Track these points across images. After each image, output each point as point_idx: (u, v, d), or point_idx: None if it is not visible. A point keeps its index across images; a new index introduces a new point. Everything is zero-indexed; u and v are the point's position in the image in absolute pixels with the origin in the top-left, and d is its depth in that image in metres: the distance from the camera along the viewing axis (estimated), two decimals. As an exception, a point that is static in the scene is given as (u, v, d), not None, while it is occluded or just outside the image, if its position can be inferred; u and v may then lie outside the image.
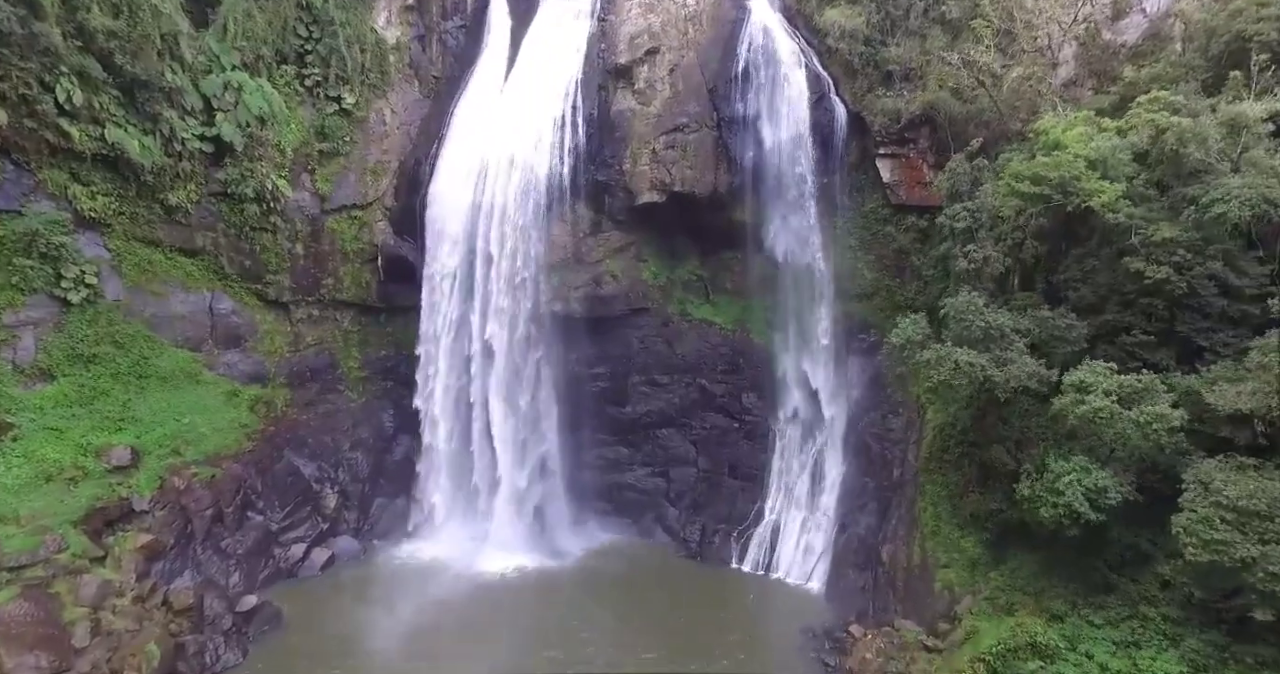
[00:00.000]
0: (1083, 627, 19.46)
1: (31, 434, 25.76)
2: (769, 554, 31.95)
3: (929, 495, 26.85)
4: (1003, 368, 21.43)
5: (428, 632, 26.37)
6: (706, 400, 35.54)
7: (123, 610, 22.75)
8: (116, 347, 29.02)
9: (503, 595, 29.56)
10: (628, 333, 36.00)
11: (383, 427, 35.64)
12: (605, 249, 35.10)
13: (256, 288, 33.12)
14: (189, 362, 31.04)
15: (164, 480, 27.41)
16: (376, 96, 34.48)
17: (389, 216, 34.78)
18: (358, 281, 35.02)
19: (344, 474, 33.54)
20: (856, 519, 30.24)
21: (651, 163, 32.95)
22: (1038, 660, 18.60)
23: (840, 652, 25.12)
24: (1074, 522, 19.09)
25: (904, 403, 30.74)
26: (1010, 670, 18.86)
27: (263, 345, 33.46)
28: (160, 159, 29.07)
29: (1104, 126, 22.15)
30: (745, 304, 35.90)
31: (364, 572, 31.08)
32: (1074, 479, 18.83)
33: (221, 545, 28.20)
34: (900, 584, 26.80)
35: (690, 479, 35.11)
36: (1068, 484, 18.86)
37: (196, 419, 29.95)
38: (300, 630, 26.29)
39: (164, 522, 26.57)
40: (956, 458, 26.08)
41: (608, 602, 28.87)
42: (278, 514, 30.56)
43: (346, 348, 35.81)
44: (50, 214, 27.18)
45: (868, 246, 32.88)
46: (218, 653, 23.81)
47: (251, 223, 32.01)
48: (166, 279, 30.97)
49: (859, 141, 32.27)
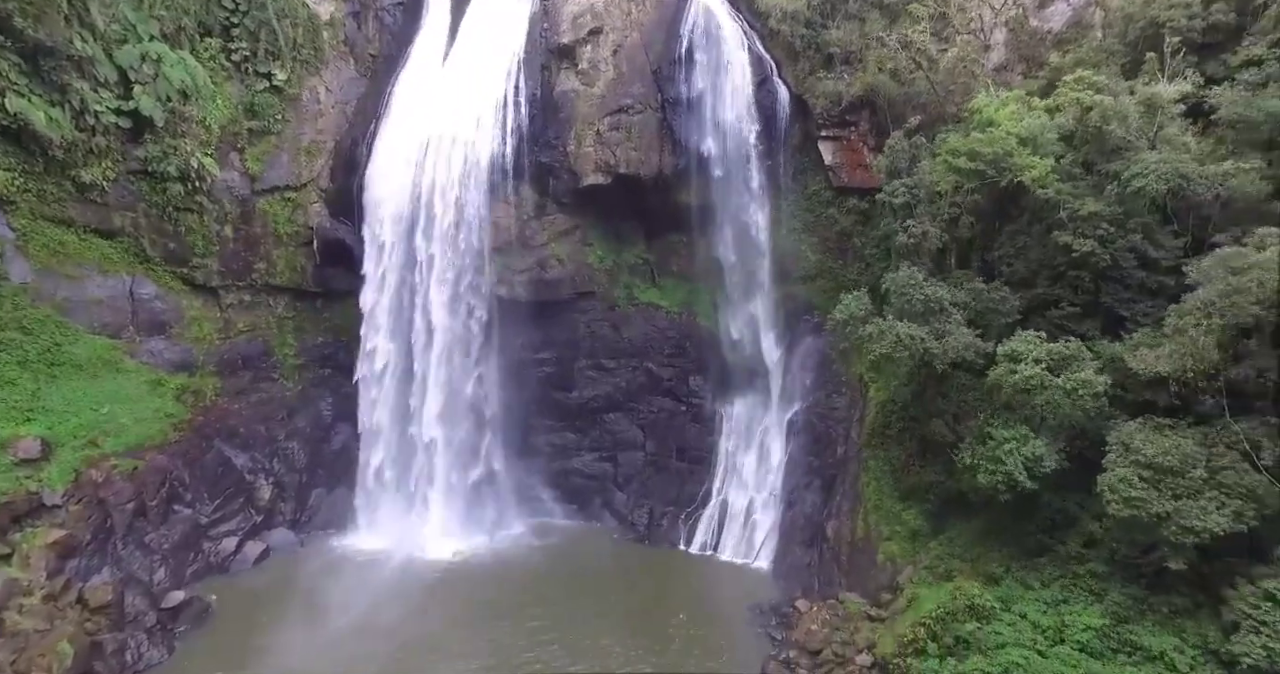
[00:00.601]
0: (1016, 588, 20.04)
1: (-73, 425, 23.96)
2: (716, 535, 32.07)
3: (871, 471, 27.30)
4: (941, 340, 21.90)
5: (366, 621, 25.53)
6: (654, 384, 35.44)
7: (31, 609, 21.29)
8: (23, 332, 27.19)
9: (447, 583, 28.89)
10: (574, 317, 35.62)
11: (320, 415, 34.42)
12: (550, 232, 34.64)
13: (182, 272, 31.54)
14: (107, 349, 29.33)
15: (79, 473, 25.78)
16: (310, 74, 33.18)
17: (324, 198, 33.54)
18: (292, 266, 33.68)
19: (279, 465, 32.25)
20: (802, 497, 30.57)
21: (596, 144, 32.62)
22: (975, 622, 19.06)
23: (787, 626, 25.31)
24: (1010, 488, 19.62)
25: (847, 382, 31.20)
26: (949, 632, 19.26)
27: (190, 332, 31.89)
28: (70, 133, 27.35)
29: (1034, 106, 22.84)
30: (691, 287, 35.93)
31: (301, 564, 29.92)
32: (1014, 448, 19.33)
33: (145, 540, 26.73)
34: (845, 558, 27.20)
35: (638, 463, 34.97)
36: (1008, 453, 19.36)
37: (116, 409, 28.31)
38: (231, 626, 25.15)
39: (79, 516, 24.99)
40: (898, 433, 26.58)
41: (555, 587, 28.50)
42: (207, 507, 29.16)
43: (281, 335, 34.43)
44: (-56, 190, 25.30)
45: (811, 229, 33.26)
46: (140, 651, 22.56)
47: (175, 203, 30.43)
48: (81, 261, 29.19)
49: (802, 124, 32.59)
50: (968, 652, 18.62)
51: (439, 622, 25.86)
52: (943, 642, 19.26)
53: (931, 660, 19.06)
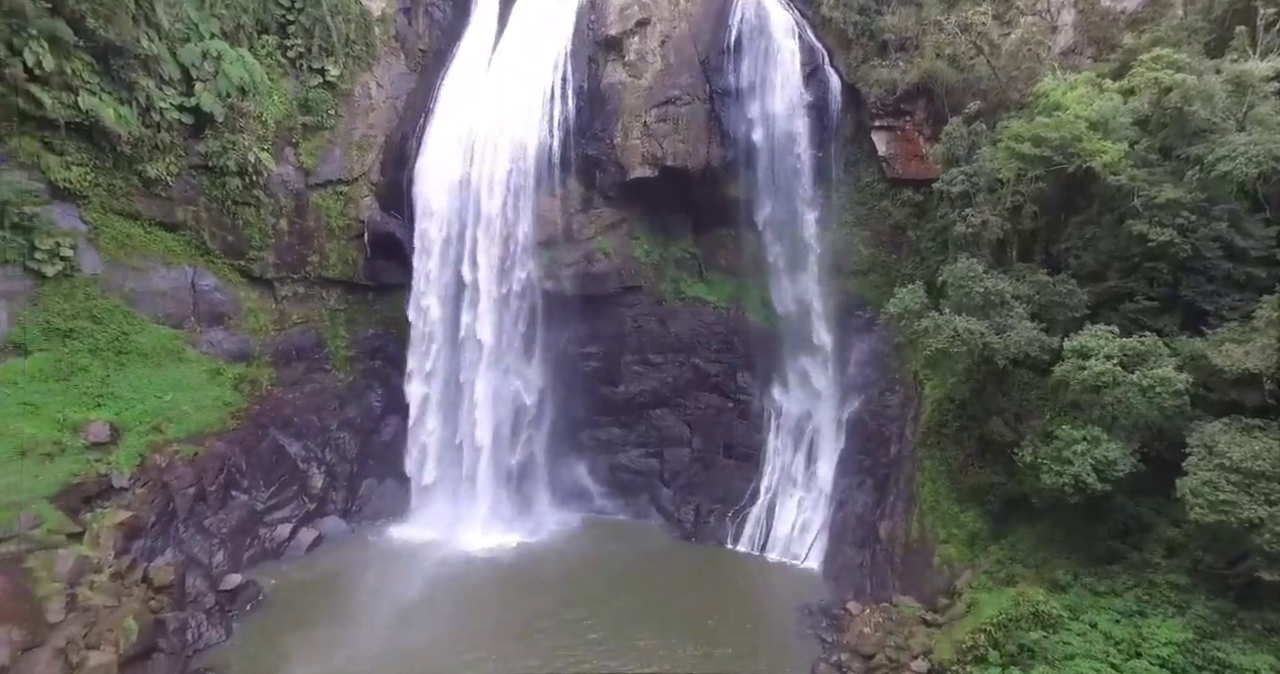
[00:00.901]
0: (1086, 596, 19.05)
1: (5, 408, 24.99)
2: (764, 533, 31.47)
3: (927, 471, 26.38)
4: (1002, 335, 20.96)
5: (415, 611, 25.77)
6: (700, 380, 35.01)
7: (100, 586, 22.06)
8: (94, 322, 28.26)
9: (492, 575, 28.98)
10: (620, 312, 35.41)
11: (371, 407, 34.97)
12: (597, 226, 34.47)
13: (240, 264, 32.38)
14: (171, 339, 30.29)
15: (145, 458, 26.69)
16: (361, 69, 33.70)
17: (375, 192, 34.03)
18: (344, 258, 34.29)
19: (331, 454, 32.88)
20: (853, 497, 29.78)
21: (643, 136, 32.31)
22: (1040, 630, 18.16)
23: (837, 628, 24.65)
24: (1079, 491, 18.64)
25: (901, 379, 30.26)
26: (1012, 640, 18.41)
27: (247, 323, 32.72)
28: (137, 129, 28.27)
29: (1106, 87, 21.63)
30: (739, 282, 35.35)
31: (352, 552, 30.43)
32: (1084, 449, 18.34)
33: (205, 524, 27.52)
34: (898, 560, 26.36)
35: (684, 459, 34.59)
36: (1077, 454, 18.38)
37: (179, 397, 29.22)
38: (285, 610, 25.67)
39: (144, 499, 25.86)
40: (955, 432, 25.61)
41: (601, 581, 28.35)
42: (263, 493, 29.88)
43: (333, 326, 35.10)
44: (21, 183, 26.33)
45: (863, 222, 32.35)
46: (200, 630, 23.19)
47: (234, 197, 31.23)
48: (146, 253, 30.18)
49: (854, 114, 31.70)
50: (1032, 661, 17.73)
51: (483, 614, 25.93)
52: (1005, 650, 18.42)
53: (993, 669, 18.23)
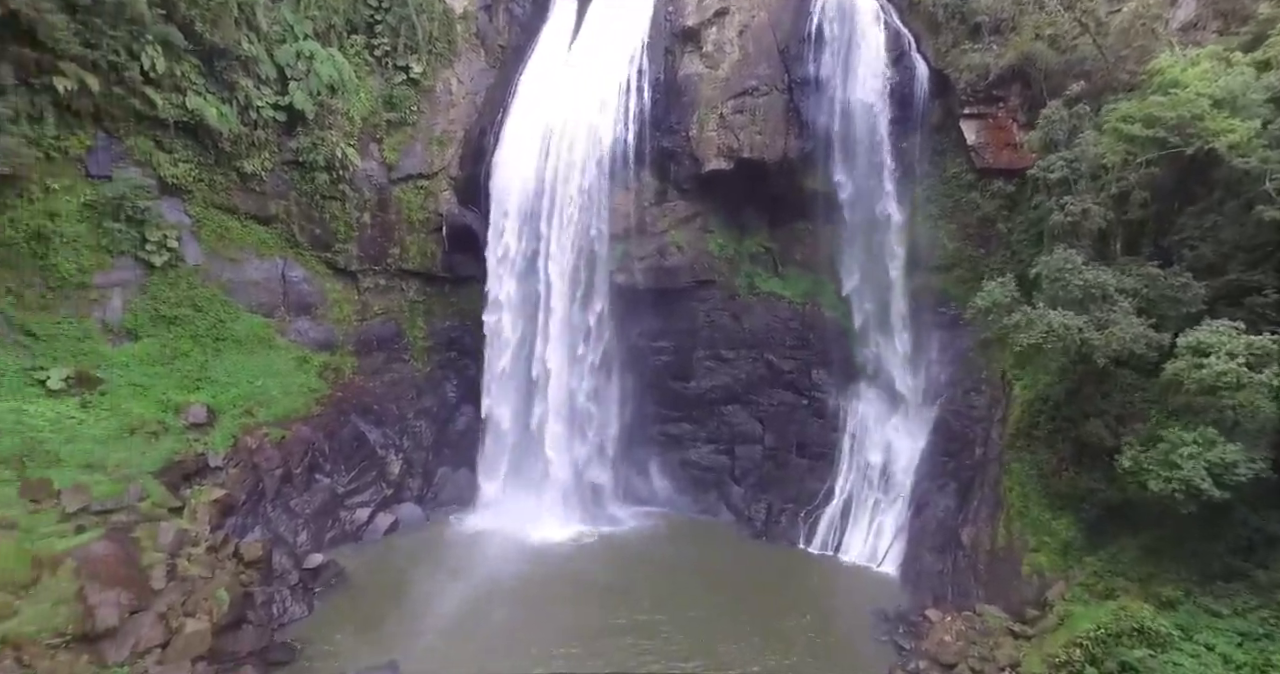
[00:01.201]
0: (1200, 615, 17.54)
1: (117, 389, 26.69)
2: (838, 535, 30.55)
3: (1015, 475, 25.00)
4: (1103, 330, 19.56)
5: (485, 599, 26.07)
6: (774, 376, 34.30)
7: (197, 558, 23.19)
8: (195, 309, 29.87)
9: (561, 568, 29.05)
10: (693, 306, 35.07)
11: (446, 397, 35.78)
12: (670, 219, 34.24)
13: (326, 256, 33.63)
14: (262, 327, 31.74)
15: (237, 439, 28.01)
16: (443, 66, 34.51)
17: (454, 186, 34.78)
18: (423, 251, 35.19)
19: (408, 441, 33.78)
20: (934, 500, 28.54)
21: (719, 128, 31.87)
22: (1145, 648, 16.82)
23: (915, 636, 23.64)
24: (1190, 499, 17.20)
25: (988, 379, 28.82)
26: (1112, 657, 17.12)
27: (332, 313, 33.99)
28: (237, 127, 29.68)
29: (1235, 61, 19.80)
30: (816, 277, 34.45)
31: (426, 538, 31.16)
32: (1195, 452, 16.90)
33: (290, 505, 28.68)
34: (982, 568, 25.07)
35: (756, 457, 33.96)
36: (1186, 457, 16.96)
37: (268, 382, 30.57)
38: (362, 590, 26.46)
39: (236, 479, 27.14)
40: (1047, 434, 24.16)
41: (672, 579, 28.04)
42: (344, 477, 30.94)
43: (412, 318, 36.08)
44: (136, 179, 28.07)
45: (949, 214, 30.94)
46: (284, 605, 24.13)
47: (321, 191, 32.47)
48: (242, 245, 31.70)
49: (942, 102, 30.34)
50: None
51: (553, 607, 25.91)
52: (1104, 667, 17.16)
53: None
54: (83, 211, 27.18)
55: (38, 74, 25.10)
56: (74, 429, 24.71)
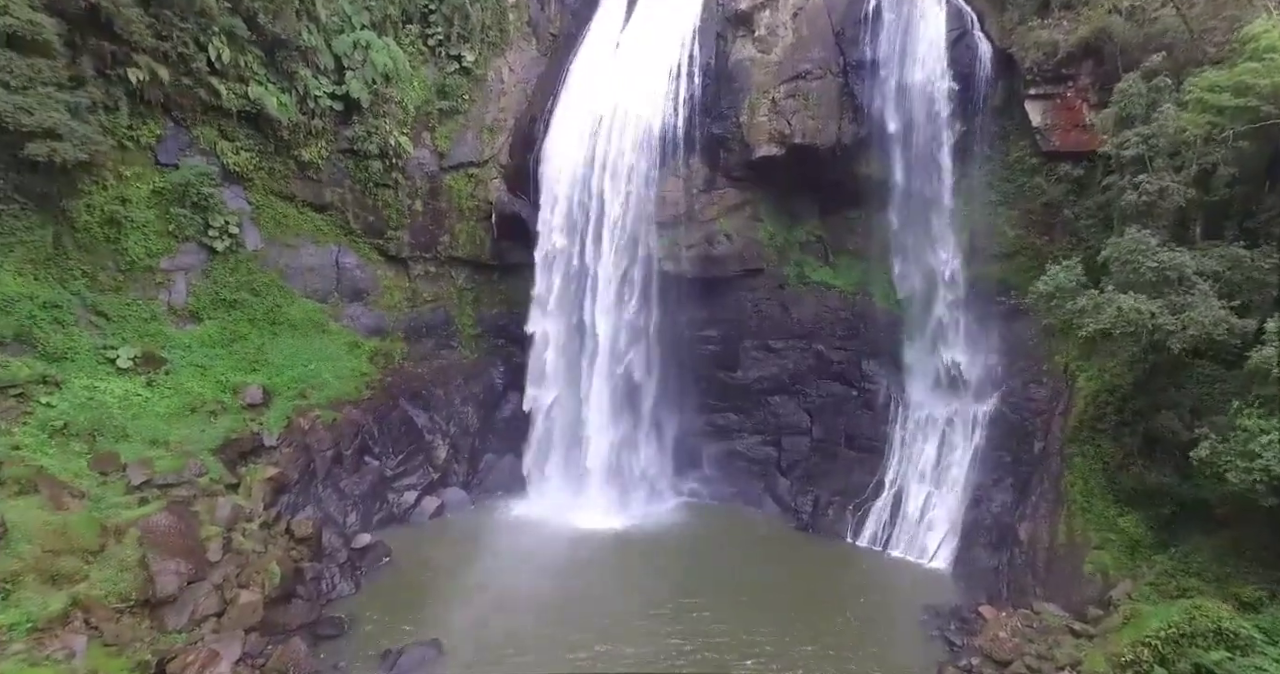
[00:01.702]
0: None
1: (180, 369, 27.64)
2: (888, 529, 29.70)
3: (1078, 469, 23.89)
4: (1179, 315, 18.47)
5: (529, 584, 26.04)
6: (823, 367, 33.59)
7: (251, 533, 23.87)
8: (254, 294, 30.74)
9: (605, 557, 28.88)
10: (741, 295, 34.59)
11: (493, 383, 36.09)
12: (719, 207, 33.81)
13: (378, 243, 34.27)
14: (316, 312, 32.52)
15: (291, 420, 28.73)
16: (495, 55, 34.81)
17: (503, 174, 35.04)
18: (473, 239, 35.55)
19: (454, 427, 34.17)
20: (990, 495, 27.51)
21: (770, 113, 31.32)
22: (1224, 650, 15.76)
23: (968, 632, 22.75)
24: (1272, 491, 16.10)
25: (1049, 371, 27.63)
26: (1184, 658, 16.11)
27: (383, 300, 34.63)
28: (295, 116, 30.45)
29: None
30: (868, 266, 33.57)
31: (471, 522, 31.47)
32: (1275, 439, 15.81)
33: (340, 486, 29.29)
34: (1041, 566, 24.03)
35: (803, 449, 33.32)
36: (1266, 445, 15.88)
37: (321, 366, 31.29)
38: (408, 570, 26.82)
39: (289, 458, 27.85)
40: (1114, 428, 23.00)
41: (716, 570, 27.66)
42: (392, 460, 31.46)
43: (461, 305, 36.51)
44: (201, 167, 29.00)
45: (1011, 201, 29.77)
46: (333, 582, 24.61)
47: (375, 179, 33.09)
48: (299, 232, 32.54)
49: (1005, 82, 29.17)
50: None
51: (592, 592, 25.72)
52: (1175, 668, 16.16)
53: (1160, 688, 16.07)
54: (151, 198, 28.24)
55: (113, 65, 26.16)
56: (140, 406, 25.68)
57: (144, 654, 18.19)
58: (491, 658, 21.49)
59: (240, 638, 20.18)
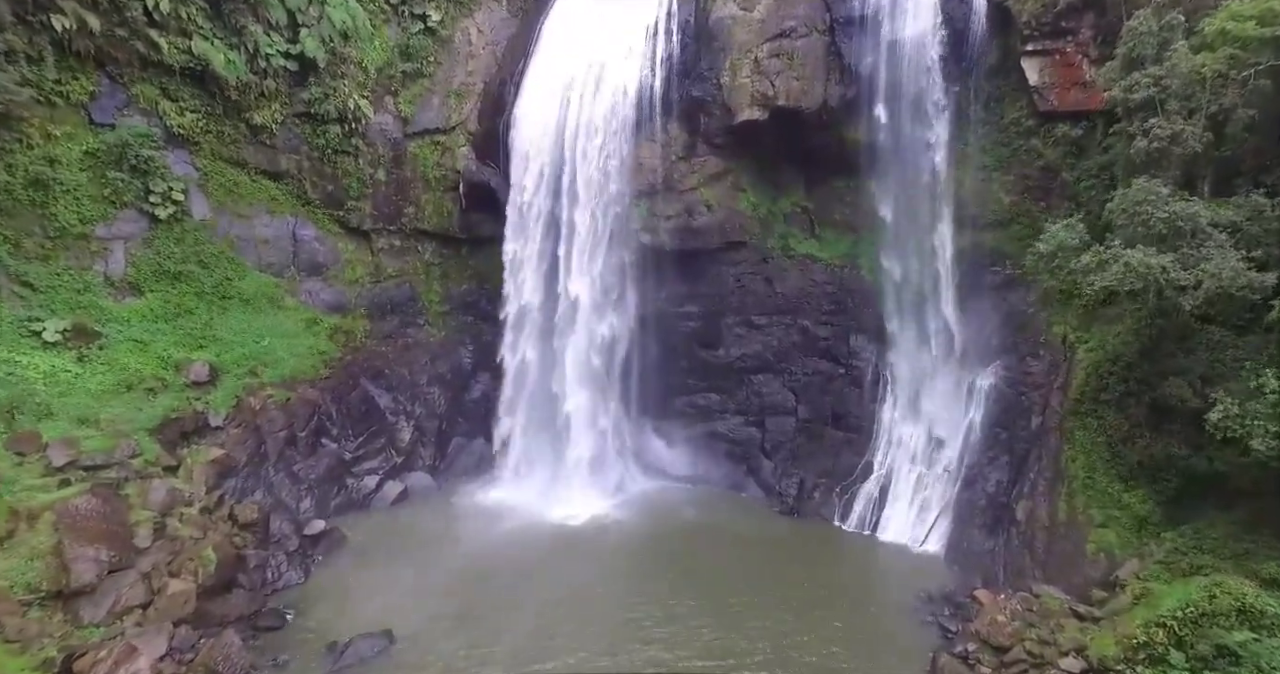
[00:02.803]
0: (1311, 596, 14.98)
1: (116, 344, 25.59)
2: (877, 512, 28.18)
3: (1079, 444, 22.42)
4: (1192, 269, 16.95)
5: (495, 573, 24.33)
6: (808, 344, 31.99)
7: (189, 519, 21.95)
8: (201, 266, 28.71)
9: (579, 544, 27.18)
10: (722, 269, 32.89)
11: (461, 363, 34.20)
12: (700, 176, 32.06)
13: (338, 215, 32.28)
14: (271, 286, 30.52)
15: (240, 399, 26.80)
16: (463, 15, 32.83)
17: (472, 141, 33.07)
18: (439, 210, 33.59)
19: (420, 408, 32.28)
20: (984, 474, 26.03)
21: (753, 74, 29.57)
22: (1248, 631, 14.30)
23: (963, 618, 21.26)
24: (1298, 457, 14.66)
25: (1046, 342, 26.14)
26: (1204, 639, 14.62)
27: (344, 275, 32.66)
28: (245, 75, 28.36)
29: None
30: (855, 238, 32.00)
31: (436, 509, 29.63)
32: (1305, 399, 14.37)
33: (294, 469, 27.38)
34: (1040, 547, 22.55)
35: (788, 429, 31.72)
36: (1294, 406, 14.43)
37: (275, 343, 29.31)
38: (365, 558, 25.01)
39: (237, 440, 25.91)
40: (1118, 398, 21.52)
41: (696, 556, 26.01)
42: (351, 443, 29.57)
43: (428, 281, 34.57)
44: (140, 128, 26.92)
45: (1005, 165, 28.24)
46: (279, 570, 22.76)
47: (333, 145, 31.09)
48: (252, 201, 30.49)
49: (1000, 39, 27.58)
50: (1237, 669, 13.95)
51: (563, 582, 23.95)
52: (1194, 650, 14.67)
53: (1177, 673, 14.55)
54: (85, 160, 26.10)
55: (35, 11, 24.00)
56: (68, 383, 23.65)
57: (50, 651, 16.27)
58: (447, 650, 19.71)
59: (168, 631, 18.29)
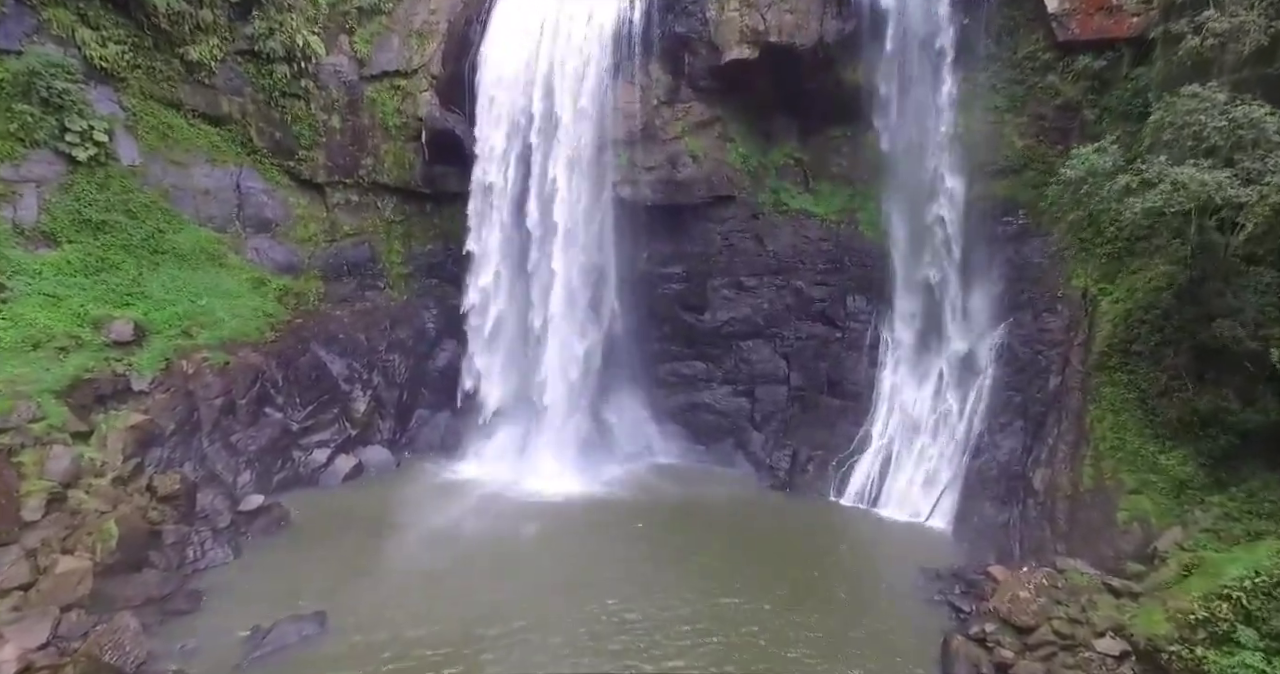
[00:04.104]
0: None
1: (24, 298, 22.63)
2: (877, 485, 25.71)
3: (1106, 402, 20.01)
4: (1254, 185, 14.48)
5: (452, 554, 21.60)
6: (803, 306, 29.44)
7: (97, 490, 19.20)
8: (130, 216, 25.84)
9: (553, 525, 24.37)
10: (709, 226, 30.29)
11: (425, 329, 31.43)
12: (684, 123, 29.42)
13: (289, 165, 29.50)
14: (212, 242, 27.71)
15: (170, 362, 23.98)
16: (424, -54, 30.00)
17: (435, 86, 30.23)
18: (400, 162, 30.77)
19: (378, 377, 29.52)
20: (996, 442, 23.60)
21: (742, 7, 26.97)
22: (1338, 602, 11.91)
23: (977, 596, 18.80)
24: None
25: (1064, 296, 23.71)
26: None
27: (296, 232, 29.89)
28: (177, 3, 25.53)
29: None
30: (854, 191, 29.47)
31: (394, 485, 26.89)
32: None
33: (232, 440, 24.58)
34: (1061, 518, 20.11)
35: (779, 399, 29.19)
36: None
37: (215, 303, 26.50)
38: (306, 537, 22.29)
39: (164, 405, 23.07)
40: (1152, 348, 19.12)
41: (677, 537, 23.36)
42: (299, 413, 26.78)
43: (389, 240, 31.78)
44: (53, 56, 24.00)
45: (1019, 105, 25.74)
46: (203, 548, 20.00)
47: (281, 87, 28.28)
48: (189, 148, 27.65)
49: (1013, -37, 25.13)
50: (1325, 645, 11.57)
51: (527, 564, 21.32)
52: (1268, 626, 12.24)
53: (1249, 655, 12.09)
54: (-15, 90, 23.20)
55: (-78, -86, 21.10)
56: (-37, 338, 20.78)
57: (-109, 638, 13.51)
58: (385, 637, 17.02)
59: (53, 617, 15.58)
